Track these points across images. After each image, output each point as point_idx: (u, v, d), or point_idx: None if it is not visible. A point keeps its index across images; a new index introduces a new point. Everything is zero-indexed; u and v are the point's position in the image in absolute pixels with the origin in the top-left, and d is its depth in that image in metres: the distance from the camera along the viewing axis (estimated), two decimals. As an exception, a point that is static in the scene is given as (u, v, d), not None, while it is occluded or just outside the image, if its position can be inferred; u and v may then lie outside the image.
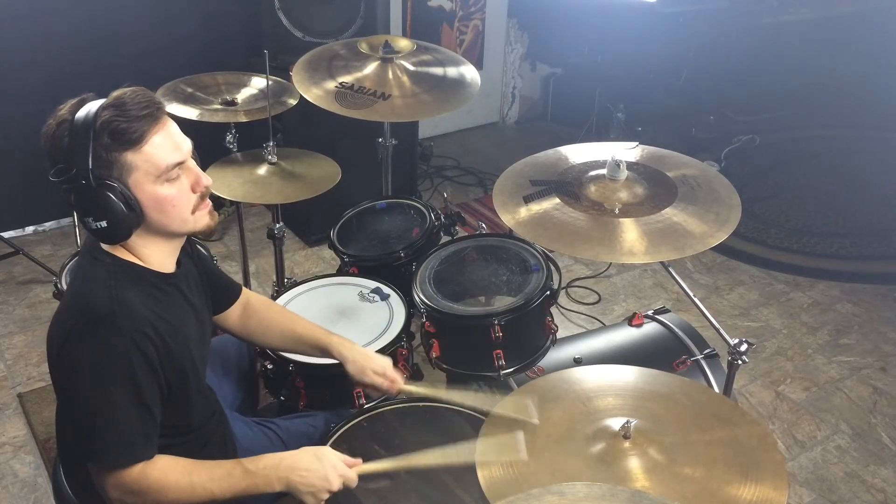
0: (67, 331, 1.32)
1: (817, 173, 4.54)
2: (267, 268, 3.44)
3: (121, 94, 1.33)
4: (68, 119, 1.30)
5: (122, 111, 1.30)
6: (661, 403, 1.48)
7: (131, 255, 1.42)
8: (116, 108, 1.30)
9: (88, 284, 1.37)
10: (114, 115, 1.29)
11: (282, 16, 3.39)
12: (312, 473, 1.42)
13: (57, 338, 1.35)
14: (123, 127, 1.29)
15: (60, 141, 1.30)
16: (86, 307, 1.33)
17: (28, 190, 3.56)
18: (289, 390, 1.99)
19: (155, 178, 1.34)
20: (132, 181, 1.33)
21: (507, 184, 1.94)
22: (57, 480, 1.62)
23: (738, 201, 1.82)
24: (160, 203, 1.36)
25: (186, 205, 1.40)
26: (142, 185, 1.33)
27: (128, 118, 1.30)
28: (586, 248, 1.70)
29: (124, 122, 1.29)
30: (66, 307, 1.38)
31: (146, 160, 1.32)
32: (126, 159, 1.31)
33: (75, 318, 1.33)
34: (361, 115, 2.34)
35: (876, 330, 3.20)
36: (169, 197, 1.36)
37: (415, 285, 2.11)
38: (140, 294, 1.37)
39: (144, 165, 1.32)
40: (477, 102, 4.59)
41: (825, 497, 2.42)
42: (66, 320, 1.34)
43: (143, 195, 1.34)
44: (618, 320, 2.99)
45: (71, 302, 1.38)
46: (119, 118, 1.29)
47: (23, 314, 3.15)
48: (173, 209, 1.38)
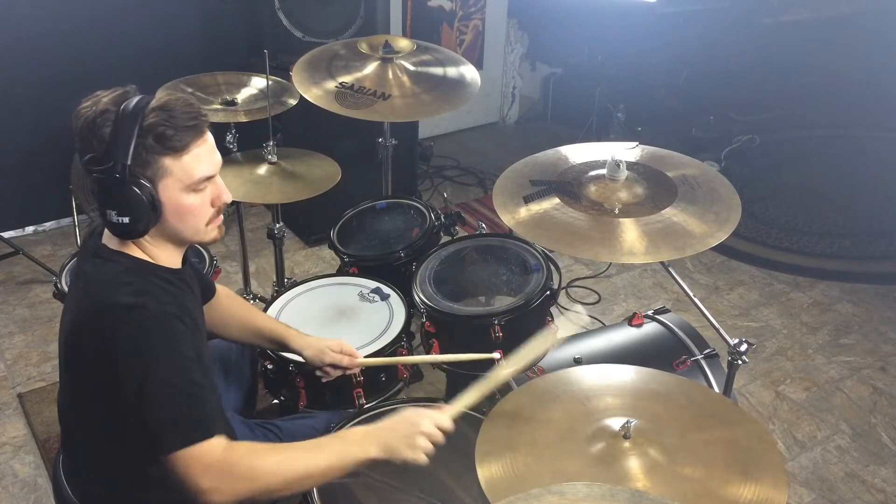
0: (104, 332, 1.31)
1: (817, 173, 4.54)
2: (267, 268, 3.44)
3: (169, 101, 1.34)
4: (112, 110, 1.31)
5: (170, 118, 1.32)
6: (660, 403, 1.48)
7: (141, 251, 1.42)
8: (165, 113, 1.32)
9: (105, 287, 1.36)
10: (162, 120, 1.31)
11: (282, 16, 3.39)
12: (404, 427, 1.41)
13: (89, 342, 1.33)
14: (170, 134, 1.32)
15: (100, 129, 1.31)
16: (113, 305, 1.32)
17: (28, 190, 3.57)
18: (289, 390, 1.99)
19: (185, 186, 1.37)
20: (161, 185, 1.35)
21: (507, 184, 1.94)
22: (57, 480, 1.62)
23: (738, 201, 1.81)
24: (181, 210, 1.38)
25: (204, 216, 1.42)
26: (170, 190, 1.36)
27: (175, 127, 1.32)
28: (586, 249, 1.70)
29: (171, 130, 1.31)
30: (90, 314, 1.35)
31: (182, 169, 1.35)
32: (164, 164, 1.33)
33: (106, 320, 1.32)
34: (361, 115, 2.35)
35: (876, 330, 3.20)
36: (191, 206, 1.39)
37: (415, 285, 2.11)
38: (155, 287, 1.39)
39: (179, 173, 1.35)
40: (477, 102, 4.59)
41: (825, 497, 2.42)
42: (97, 325, 1.32)
43: (168, 200, 1.36)
44: (618, 320, 2.99)
45: (94, 307, 1.35)
46: (167, 124, 1.31)
47: (23, 314, 3.15)
48: (191, 218, 1.41)
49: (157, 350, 1.31)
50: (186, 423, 1.31)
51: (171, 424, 1.30)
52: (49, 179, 3.52)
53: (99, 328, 1.32)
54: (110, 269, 1.37)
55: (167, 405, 1.30)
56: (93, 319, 1.34)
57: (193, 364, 1.35)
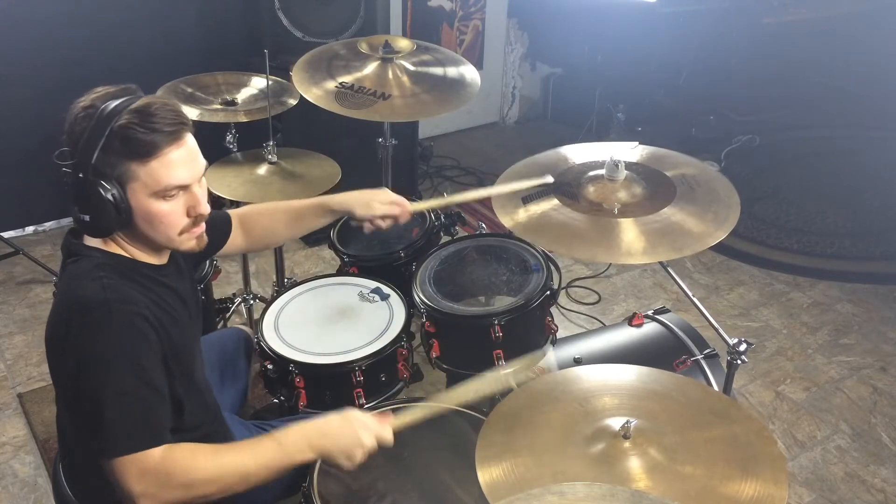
0: (65, 327, 1.31)
1: (817, 173, 4.54)
2: (267, 268, 3.44)
3: (150, 104, 1.32)
4: (94, 107, 1.30)
5: (144, 121, 1.29)
6: (658, 402, 1.48)
7: (118, 247, 1.41)
8: (140, 116, 1.29)
9: (75, 281, 1.35)
10: (134, 123, 1.29)
11: (282, 16, 3.39)
12: (343, 436, 1.39)
13: (56, 338, 1.34)
14: (138, 138, 1.29)
15: (79, 125, 1.30)
16: (77, 300, 1.31)
17: (28, 190, 3.57)
18: (289, 390, 1.99)
19: (152, 192, 1.34)
20: (129, 188, 1.33)
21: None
22: (57, 480, 1.62)
23: (737, 201, 1.81)
24: (150, 216, 1.36)
25: (176, 225, 1.39)
26: (137, 194, 1.33)
27: (147, 130, 1.29)
28: (585, 249, 1.70)
29: (141, 133, 1.29)
30: (58, 309, 1.36)
31: (149, 174, 1.32)
32: (130, 168, 1.31)
33: (69, 314, 1.32)
34: (361, 115, 2.34)
35: (876, 330, 3.19)
36: (160, 213, 1.36)
37: (415, 285, 2.11)
38: (131, 283, 1.37)
39: (145, 178, 1.32)
40: (477, 102, 4.58)
41: (825, 497, 2.42)
42: (62, 319, 1.33)
43: (136, 204, 1.34)
44: (618, 320, 2.99)
45: (62, 302, 1.36)
46: (138, 127, 1.29)
47: (23, 314, 3.15)
48: (161, 226, 1.38)
49: (114, 351, 1.29)
50: (134, 430, 1.29)
51: (119, 429, 1.29)
52: (49, 179, 3.45)
53: (64, 324, 1.32)
54: (83, 265, 1.37)
55: (118, 409, 1.28)
56: (60, 315, 1.34)
57: (151, 368, 1.33)
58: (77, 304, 1.31)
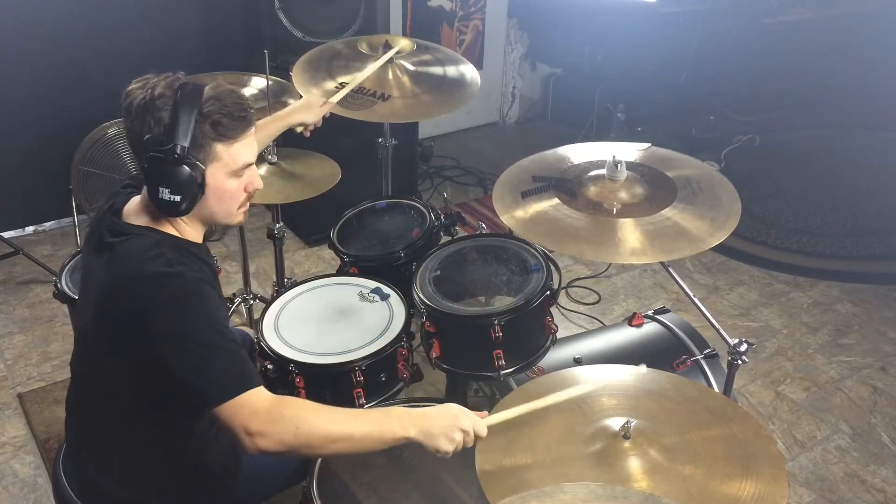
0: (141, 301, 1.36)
1: (817, 173, 4.54)
2: (267, 268, 3.44)
3: (220, 93, 1.42)
4: (169, 94, 1.38)
5: (224, 108, 1.41)
6: (657, 402, 1.48)
7: (171, 227, 1.49)
8: (220, 103, 1.40)
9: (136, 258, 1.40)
10: (217, 109, 1.40)
11: (282, 16, 3.39)
12: (444, 417, 1.43)
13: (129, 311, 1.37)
14: (225, 122, 1.41)
15: (159, 112, 1.37)
16: (148, 276, 1.37)
17: (28, 190, 3.57)
18: (289, 390, 1.98)
19: (230, 171, 1.45)
20: (210, 168, 1.43)
21: (507, 184, 1.94)
22: (57, 480, 1.62)
23: (737, 201, 1.81)
24: (222, 193, 1.47)
25: (238, 200, 1.51)
26: (217, 173, 1.44)
27: (230, 117, 1.41)
28: (585, 249, 1.70)
29: (226, 119, 1.41)
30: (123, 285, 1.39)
31: (231, 155, 1.44)
32: (216, 149, 1.42)
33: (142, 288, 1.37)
34: (361, 115, 2.34)
35: (876, 330, 3.20)
36: (230, 190, 1.48)
37: (415, 285, 2.11)
38: (185, 258, 1.45)
39: (227, 159, 1.44)
40: (477, 102, 4.59)
41: (825, 497, 2.42)
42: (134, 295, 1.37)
43: (213, 182, 1.44)
44: (618, 320, 2.99)
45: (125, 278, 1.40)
46: (222, 113, 1.40)
47: (23, 314, 3.16)
48: (228, 201, 1.49)
49: (197, 314, 1.37)
50: (232, 377, 1.36)
51: (218, 379, 1.36)
52: (49, 179, 3.52)
53: (137, 296, 1.36)
54: (138, 243, 1.43)
55: (212, 363, 1.35)
56: (129, 289, 1.38)
57: (227, 325, 1.43)
58: (149, 278, 1.37)
